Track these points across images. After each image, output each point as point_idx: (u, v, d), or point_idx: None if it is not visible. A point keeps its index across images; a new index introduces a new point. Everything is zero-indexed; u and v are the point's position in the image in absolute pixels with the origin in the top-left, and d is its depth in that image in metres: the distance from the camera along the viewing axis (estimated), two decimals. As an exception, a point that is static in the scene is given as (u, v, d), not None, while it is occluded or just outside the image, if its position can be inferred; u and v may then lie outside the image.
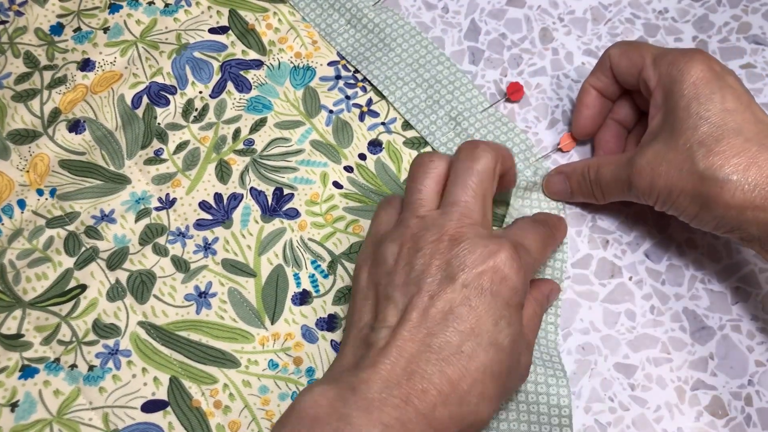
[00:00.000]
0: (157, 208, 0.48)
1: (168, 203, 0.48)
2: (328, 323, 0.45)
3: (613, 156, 0.45)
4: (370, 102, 0.52)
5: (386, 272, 0.38)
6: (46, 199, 0.48)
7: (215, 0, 0.55)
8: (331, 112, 0.51)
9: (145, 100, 0.51)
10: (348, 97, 0.52)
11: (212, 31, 0.54)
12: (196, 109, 0.51)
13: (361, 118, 0.51)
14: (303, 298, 0.46)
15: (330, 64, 0.53)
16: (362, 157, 0.50)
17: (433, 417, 0.33)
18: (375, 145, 0.50)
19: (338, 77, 0.53)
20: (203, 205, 0.48)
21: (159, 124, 0.51)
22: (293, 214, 0.48)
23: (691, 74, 0.41)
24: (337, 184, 0.49)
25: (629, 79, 0.45)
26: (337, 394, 0.34)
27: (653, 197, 0.42)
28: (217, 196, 0.49)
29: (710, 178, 0.39)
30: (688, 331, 0.45)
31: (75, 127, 0.51)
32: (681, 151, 0.40)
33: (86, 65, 0.52)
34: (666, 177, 0.40)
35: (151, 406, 0.43)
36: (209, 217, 0.48)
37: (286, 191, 0.49)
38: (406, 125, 0.51)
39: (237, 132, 0.50)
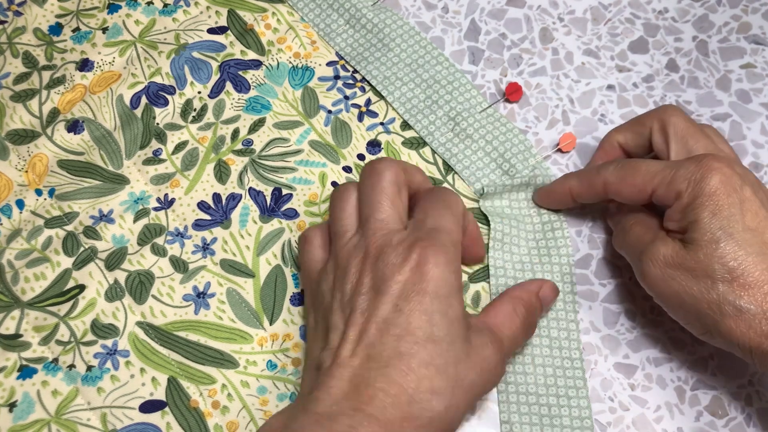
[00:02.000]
0: (156, 209, 0.48)
1: (166, 203, 0.48)
2: (327, 323, 0.45)
3: (651, 220, 0.43)
4: (368, 102, 0.52)
5: (326, 307, 0.40)
6: (45, 199, 0.48)
7: (214, 0, 0.55)
8: (329, 112, 0.51)
9: (143, 100, 0.51)
10: (347, 97, 0.52)
11: (211, 31, 0.54)
12: (195, 110, 0.51)
13: (360, 118, 0.51)
14: (302, 298, 0.46)
15: (329, 64, 0.53)
16: (361, 157, 0.50)
17: (386, 419, 0.34)
18: (374, 146, 0.50)
19: (337, 77, 0.53)
20: (202, 206, 0.48)
21: (158, 124, 0.51)
22: (292, 214, 0.48)
23: (710, 186, 0.39)
24: (335, 185, 0.49)
25: (635, 201, 0.43)
26: (290, 415, 0.35)
27: (655, 291, 0.41)
28: (216, 197, 0.48)
29: (729, 304, 0.37)
30: (689, 331, 0.45)
31: (74, 127, 0.50)
32: (701, 265, 0.38)
33: (85, 65, 0.52)
34: (679, 285, 0.39)
35: (149, 406, 0.43)
36: (208, 217, 0.48)
37: (284, 191, 0.49)
38: (405, 125, 0.51)
39: (236, 132, 0.50)
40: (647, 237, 0.42)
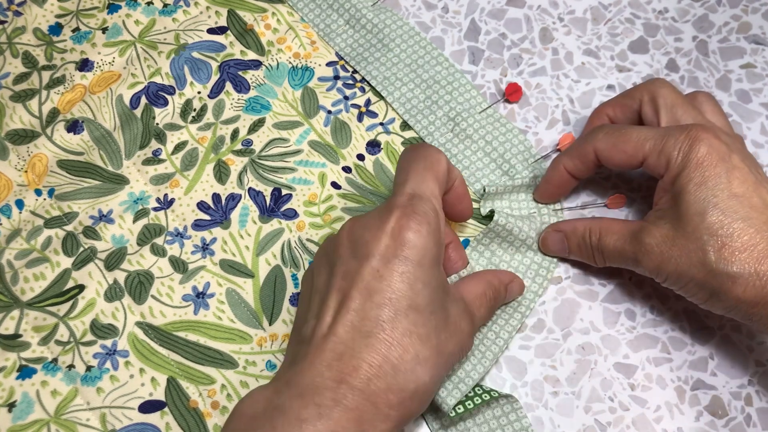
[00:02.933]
0: (156, 209, 0.48)
1: (166, 203, 0.48)
2: (327, 323, 0.45)
3: (617, 224, 0.43)
4: (368, 102, 0.52)
5: (312, 269, 0.40)
6: (45, 199, 0.48)
7: (214, 0, 0.55)
8: (329, 112, 0.51)
9: (143, 100, 0.51)
10: (346, 98, 0.52)
11: (211, 31, 0.54)
12: (195, 110, 0.51)
13: (360, 118, 0.51)
14: (301, 298, 0.46)
15: (328, 64, 0.53)
16: (360, 157, 0.50)
17: (370, 391, 0.34)
18: (373, 146, 0.50)
19: (337, 77, 0.52)
20: (201, 206, 0.48)
21: (157, 124, 0.51)
22: (291, 214, 0.48)
23: (697, 156, 0.40)
24: (335, 185, 0.49)
25: (626, 167, 0.44)
26: (274, 389, 0.35)
27: (661, 277, 0.41)
28: (216, 197, 0.48)
29: (721, 272, 0.38)
30: (688, 331, 0.45)
31: (73, 127, 0.50)
32: (690, 239, 0.39)
33: (85, 65, 0.52)
34: (676, 263, 0.39)
35: (149, 406, 0.43)
36: (207, 217, 0.48)
37: (284, 192, 0.49)
38: (405, 126, 0.51)
39: (235, 132, 0.50)
40: (624, 239, 0.42)
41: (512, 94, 0.51)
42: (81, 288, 0.46)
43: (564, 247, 0.46)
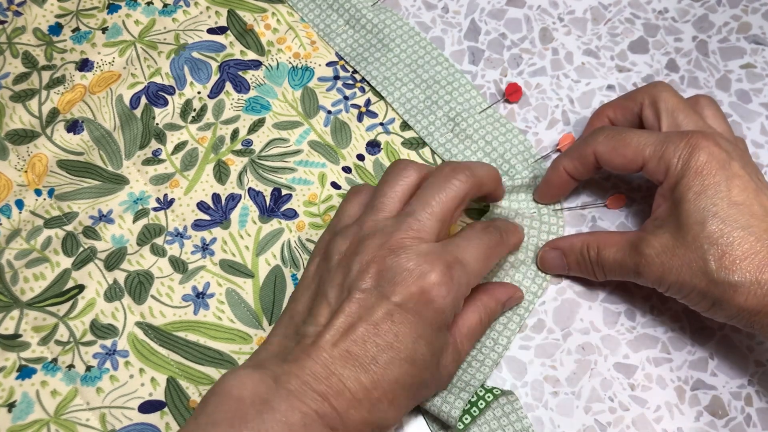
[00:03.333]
0: (155, 209, 0.48)
1: (166, 204, 0.48)
2: (327, 323, 0.45)
3: (614, 236, 0.43)
4: (368, 102, 0.52)
5: (328, 268, 0.39)
6: (44, 199, 0.48)
7: (214, 0, 0.55)
8: (329, 112, 0.51)
9: (143, 100, 0.51)
10: (346, 98, 0.52)
11: (211, 31, 0.54)
12: (195, 110, 0.51)
13: (360, 118, 0.51)
14: (301, 298, 0.46)
15: (328, 64, 0.53)
16: (360, 157, 0.50)
17: (347, 416, 0.35)
18: (373, 146, 0.50)
19: (337, 77, 0.52)
20: (201, 206, 0.48)
21: (157, 124, 0.51)
22: (291, 214, 0.48)
23: (696, 164, 0.39)
24: (335, 185, 0.49)
25: (625, 171, 0.43)
26: (261, 380, 0.35)
27: (663, 288, 0.41)
28: (215, 197, 0.48)
29: (722, 281, 0.38)
30: (688, 331, 0.45)
31: (73, 127, 0.50)
32: (691, 248, 0.39)
33: (85, 65, 0.52)
34: (677, 273, 0.39)
35: (149, 406, 0.43)
36: (207, 217, 0.48)
37: (284, 192, 0.49)
38: (405, 126, 0.51)
39: (235, 132, 0.50)
40: (624, 251, 0.42)
41: (512, 94, 0.51)
42: (81, 288, 0.46)
43: (562, 265, 0.45)
